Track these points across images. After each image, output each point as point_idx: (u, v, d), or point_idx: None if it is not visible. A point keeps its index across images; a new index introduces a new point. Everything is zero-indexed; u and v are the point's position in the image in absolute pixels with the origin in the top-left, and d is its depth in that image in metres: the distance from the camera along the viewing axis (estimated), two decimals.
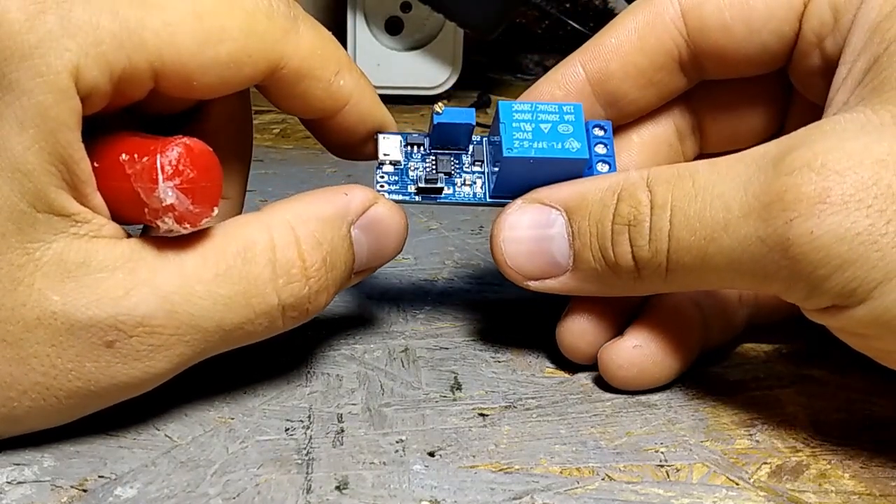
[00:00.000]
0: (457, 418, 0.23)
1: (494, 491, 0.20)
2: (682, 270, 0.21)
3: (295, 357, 0.26)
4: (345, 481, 0.21)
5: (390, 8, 0.58)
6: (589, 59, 0.25)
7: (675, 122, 0.27)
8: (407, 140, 0.25)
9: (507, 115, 0.23)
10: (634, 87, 0.25)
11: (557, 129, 0.23)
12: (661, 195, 0.21)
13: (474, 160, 0.25)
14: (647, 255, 0.21)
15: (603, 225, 0.22)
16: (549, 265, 0.23)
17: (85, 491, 0.20)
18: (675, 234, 0.21)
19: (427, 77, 0.59)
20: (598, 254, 0.22)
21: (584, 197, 0.23)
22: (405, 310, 0.29)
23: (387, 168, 0.25)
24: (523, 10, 0.64)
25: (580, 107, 0.24)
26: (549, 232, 0.23)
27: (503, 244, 0.23)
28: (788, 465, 0.22)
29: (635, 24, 0.25)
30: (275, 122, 0.55)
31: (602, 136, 0.25)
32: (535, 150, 0.23)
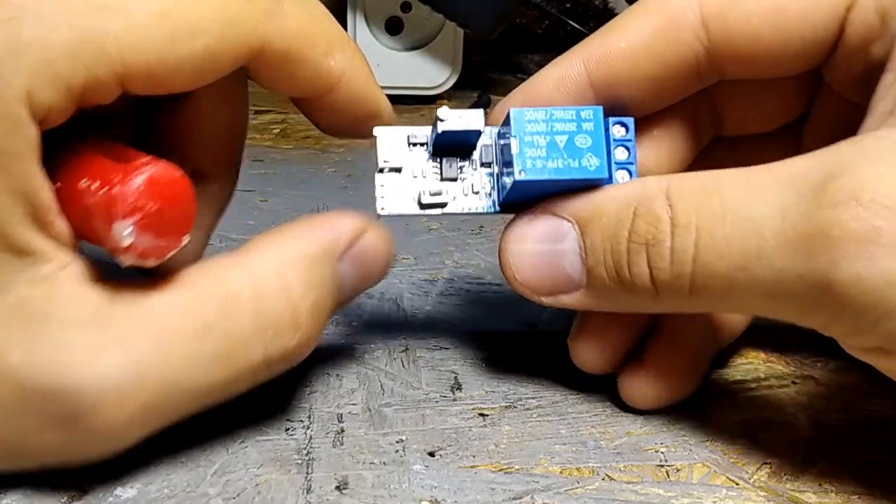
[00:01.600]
0: (457, 418, 0.23)
1: (494, 491, 0.20)
2: (707, 296, 0.20)
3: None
4: (345, 481, 0.21)
5: (390, 8, 0.58)
6: (594, 63, 0.23)
7: (691, 110, 0.25)
8: (409, 140, 0.23)
9: (519, 127, 0.21)
10: (645, 94, 0.23)
11: (575, 143, 0.21)
12: (684, 213, 0.19)
13: (483, 162, 0.23)
14: (667, 277, 0.20)
15: (618, 242, 0.20)
16: (560, 281, 0.22)
17: (84, 491, 0.20)
18: (700, 257, 0.19)
19: (427, 77, 0.59)
20: (613, 272, 0.21)
21: (598, 210, 0.21)
22: (405, 310, 0.29)
23: (387, 176, 0.23)
24: (523, 10, 0.64)
25: (600, 112, 0.21)
26: (561, 246, 0.21)
27: (511, 258, 0.22)
28: (789, 465, 0.22)
29: (648, 29, 0.22)
30: (275, 122, 0.55)
31: (623, 137, 0.22)
32: (550, 171, 0.21)
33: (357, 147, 0.50)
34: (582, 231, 0.21)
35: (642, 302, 0.21)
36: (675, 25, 0.22)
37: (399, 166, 0.22)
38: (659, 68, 0.22)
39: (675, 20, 0.22)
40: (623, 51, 0.22)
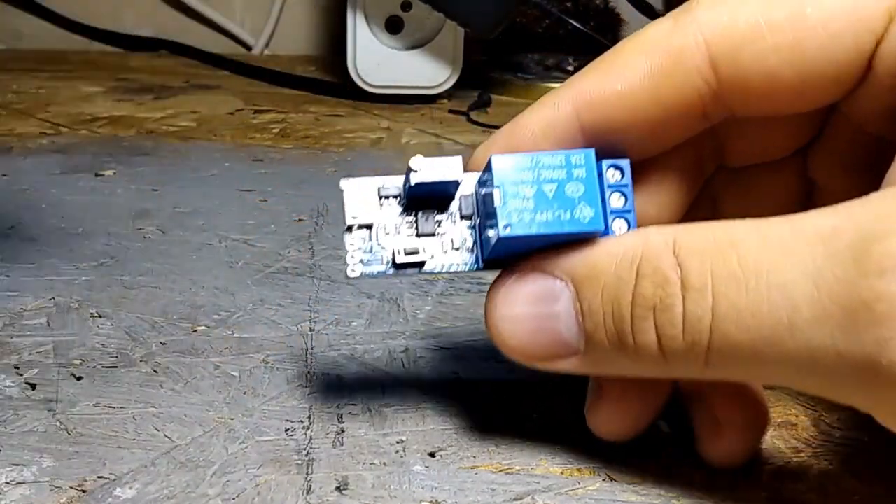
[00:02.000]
0: (457, 419, 0.23)
1: (495, 492, 0.20)
2: (726, 367, 0.17)
3: (295, 357, 0.26)
4: (345, 482, 0.21)
5: (390, 7, 0.58)
6: (586, 107, 0.20)
7: (693, 148, 0.22)
8: (379, 192, 0.20)
9: (503, 176, 0.19)
10: (644, 139, 0.20)
11: (565, 192, 0.18)
12: (697, 274, 0.17)
13: (463, 214, 0.20)
14: (679, 346, 0.17)
15: (620, 305, 0.18)
16: (556, 346, 0.19)
17: (84, 492, 0.20)
18: (718, 327, 0.17)
19: (427, 76, 0.59)
20: (615, 338, 0.18)
21: (595, 268, 0.18)
22: (405, 310, 0.29)
23: (357, 233, 0.20)
24: (523, 9, 0.64)
25: (592, 155, 0.19)
26: (554, 308, 0.19)
27: (500, 323, 0.19)
28: (790, 466, 0.22)
29: (647, 70, 0.20)
30: (275, 121, 0.55)
31: (619, 181, 0.20)
32: (539, 225, 0.18)
33: (356, 147, 0.50)
34: (577, 291, 0.19)
35: (649, 369, 0.18)
36: (679, 66, 0.19)
37: (369, 222, 0.20)
38: (660, 112, 0.20)
39: (678, 60, 0.19)
40: (620, 94, 0.20)
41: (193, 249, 0.34)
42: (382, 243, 0.20)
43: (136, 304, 0.29)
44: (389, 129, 0.54)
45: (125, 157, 0.46)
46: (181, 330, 0.27)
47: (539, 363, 0.20)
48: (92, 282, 0.31)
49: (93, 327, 0.27)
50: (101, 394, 0.24)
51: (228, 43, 0.82)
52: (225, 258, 0.33)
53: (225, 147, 0.48)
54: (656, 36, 0.20)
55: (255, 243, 0.35)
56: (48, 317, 0.28)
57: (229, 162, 0.46)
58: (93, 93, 0.61)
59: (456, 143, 0.51)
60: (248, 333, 0.27)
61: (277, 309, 0.29)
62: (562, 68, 0.66)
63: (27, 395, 0.23)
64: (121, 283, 0.31)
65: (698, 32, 0.19)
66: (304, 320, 0.28)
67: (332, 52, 0.80)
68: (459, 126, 0.55)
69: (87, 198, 0.39)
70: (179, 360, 0.26)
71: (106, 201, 0.39)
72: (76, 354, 0.26)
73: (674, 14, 0.20)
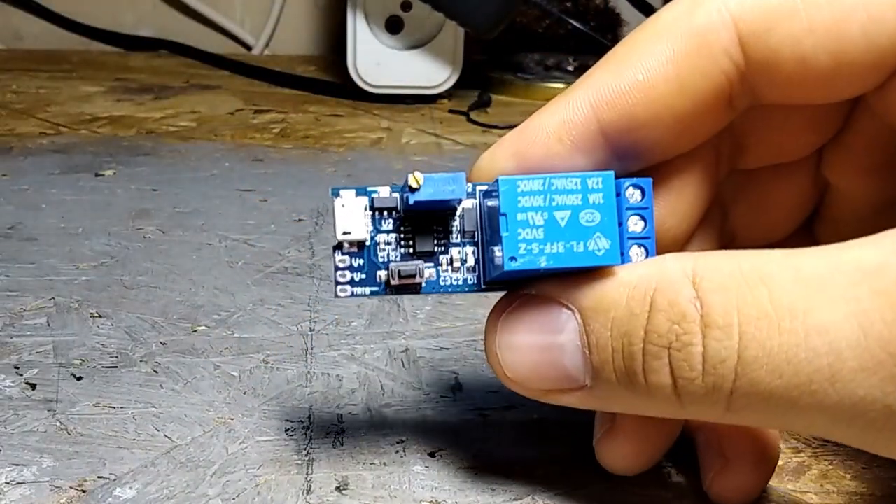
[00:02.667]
0: (457, 419, 0.23)
1: (495, 492, 0.20)
2: (751, 414, 0.16)
3: (295, 357, 0.26)
4: (345, 482, 0.21)
5: (390, 7, 0.58)
6: (605, 103, 0.18)
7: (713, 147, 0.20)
8: (373, 204, 0.18)
9: (510, 202, 0.17)
10: (668, 136, 0.18)
11: (579, 220, 0.17)
12: (721, 310, 0.15)
13: (464, 231, 0.18)
14: (697, 389, 0.16)
15: (630, 341, 0.16)
16: (559, 379, 0.18)
17: (84, 492, 0.20)
18: (746, 371, 0.15)
19: (427, 76, 0.59)
20: (624, 375, 0.17)
21: (605, 298, 0.17)
22: (405, 310, 0.29)
23: (348, 251, 0.18)
24: (524, 9, 0.64)
25: (611, 179, 0.17)
26: (558, 339, 0.17)
27: (500, 351, 0.18)
28: (790, 466, 0.22)
29: (669, 55, 0.18)
30: (275, 121, 0.55)
31: (639, 202, 0.18)
32: (549, 258, 0.17)
33: (356, 147, 0.50)
34: (585, 323, 0.17)
35: (661, 410, 0.17)
36: (704, 48, 0.18)
37: (362, 239, 0.18)
38: (686, 102, 0.18)
39: (704, 42, 0.18)
40: (641, 85, 0.18)
41: (193, 249, 0.34)
42: (376, 262, 0.18)
43: (136, 304, 0.29)
44: (389, 129, 0.54)
45: (125, 157, 0.46)
46: (181, 330, 0.27)
47: (541, 396, 0.18)
48: (92, 282, 0.31)
49: (93, 327, 0.27)
50: (101, 394, 0.24)
51: (228, 43, 0.82)
52: (225, 258, 0.33)
53: (225, 147, 0.48)
54: (674, 17, 0.18)
55: (255, 243, 0.35)
56: (48, 317, 0.28)
57: (229, 162, 0.46)
58: (93, 93, 0.61)
59: (456, 143, 0.51)
60: (248, 333, 0.27)
61: (277, 309, 0.29)
62: (562, 68, 0.66)
63: (27, 395, 0.23)
64: (121, 283, 0.31)
65: (724, 9, 0.17)
66: (304, 320, 0.28)
67: (332, 52, 0.80)
68: (459, 126, 0.55)
69: (86, 198, 0.39)
70: (179, 360, 0.26)
71: (106, 201, 0.39)
72: (76, 354, 0.26)
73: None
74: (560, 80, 0.63)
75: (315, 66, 0.74)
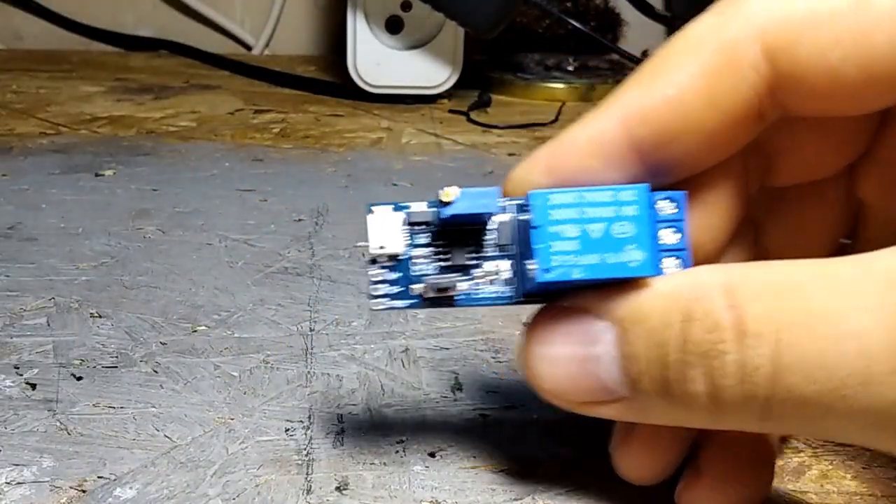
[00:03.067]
0: (457, 419, 0.23)
1: (495, 492, 0.20)
2: (785, 420, 0.16)
3: (295, 357, 0.26)
4: (345, 482, 0.21)
5: (390, 7, 0.58)
6: (636, 119, 0.18)
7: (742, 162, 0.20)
8: (409, 218, 0.19)
9: (541, 215, 0.17)
10: (699, 150, 0.18)
11: (612, 233, 0.17)
12: (756, 319, 0.15)
13: (499, 244, 0.19)
14: (732, 397, 0.16)
15: (666, 352, 0.16)
16: (596, 391, 0.18)
17: (84, 492, 0.20)
18: (780, 378, 0.15)
19: (427, 76, 0.59)
20: (661, 386, 0.17)
21: (640, 309, 0.17)
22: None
23: (383, 265, 0.19)
24: (524, 9, 0.64)
25: (645, 191, 0.17)
26: (594, 350, 0.18)
27: (535, 362, 0.18)
28: (790, 466, 0.22)
29: (698, 70, 0.18)
30: (275, 121, 0.55)
31: (672, 215, 0.18)
32: (582, 270, 0.17)
33: (356, 147, 0.50)
34: (621, 334, 0.17)
35: (697, 420, 0.17)
36: (733, 62, 0.18)
37: (396, 253, 0.19)
38: (716, 116, 0.18)
39: (732, 56, 0.18)
40: (672, 100, 0.18)
41: (193, 249, 0.34)
42: (411, 276, 0.19)
43: (136, 304, 0.29)
44: (389, 129, 0.54)
45: (125, 157, 0.46)
46: (181, 330, 0.27)
47: (577, 408, 0.18)
48: (92, 282, 0.31)
49: (93, 327, 0.27)
50: (101, 394, 0.24)
51: (228, 43, 0.82)
52: (225, 258, 0.33)
53: (225, 147, 0.48)
54: (703, 32, 0.18)
55: (255, 243, 0.35)
56: (48, 317, 0.28)
57: (229, 162, 0.46)
58: (93, 93, 0.61)
59: (456, 143, 0.51)
60: (248, 333, 0.27)
61: (277, 309, 0.29)
62: (562, 68, 0.66)
63: (27, 395, 0.23)
64: (121, 283, 0.31)
65: (750, 23, 0.17)
66: (304, 320, 0.28)
67: (332, 52, 0.80)
68: (459, 126, 0.55)
69: (86, 198, 0.39)
70: (179, 360, 0.26)
71: (106, 201, 0.39)
72: (76, 354, 0.26)
73: (718, 7, 0.18)
74: (560, 80, 0.63)
75: (315, 66, 0.74)
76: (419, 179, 0.43)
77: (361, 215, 0.19)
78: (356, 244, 0.34)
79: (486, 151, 0.49)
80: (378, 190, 0.41)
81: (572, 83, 0.63)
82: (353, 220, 0.37)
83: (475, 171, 0.45)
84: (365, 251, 0.19)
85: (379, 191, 0.41)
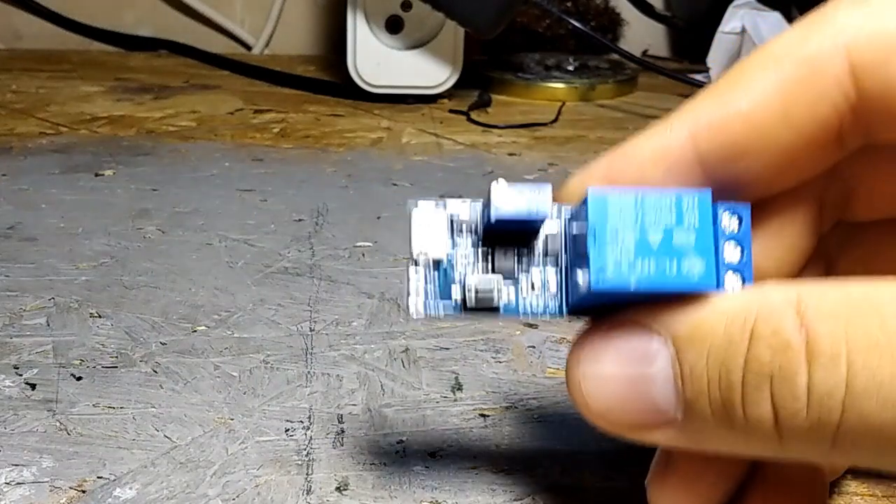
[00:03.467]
0: (458, 419, 0.23)
1: (495, 492, 0.20)
2: (858, 449, 0.15)
3: (295, 357, 0.26)
4: (345, 482, 0.21)
5: (390, 6, 0.58)
6: (705, 132, 0.17)
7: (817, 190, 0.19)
8: (452, 222, 0.18)
9: (599, 219, 0.16)
10: (770, 171, 0.17)
11: (673, 240, 0.16)
12: (828, 339, 0.14)
13: (546, 252, 0.18)
14: (800, 423, 0.15)
15: (729, 371, 0.15)
16: (649, 413, 0.16)
17: (84, 492, 0.20)
18: (854, 402, 0.14)
19: (427, 76, 0.59)
20: (721, 408, 0.16)
21: (702, 326, 0.16)
22: (405, 310, 0.29)
23: (423, 268, 0.18)
24: (524, 8, 0.64)
25: (708, 198, 0.16)
26: (649, 370, 0.16)
27: (584, 382, 0.17)
28: None
29: (776, 84, 0.17)
30: (275, 121, 0.55)
31: (735, 231, 0.17)
32: (639, 279, 0.16)
33: (356, 147, 0.50)
34: (678, 352, 0.16)
35: (758, 447, 0.16)
36: (814, 77, 0.16)
37: (439, 257, 0.18)
38: (791, 135, 0.17)
39: (814, 70, 0.16)
40: (744, 115, 0.17)
41: (193, 249, 0.34)
42: (452, 281, 0.18)
43: (136, 304, 0.29)
44: (389, 129, 0.54)
45: (125, 157, 0.46)
46: (181, 330, 0.27)
47: (626, 432, 0.17)
48: (92, 282, 0.30)
49: (93, 327, 0.27)
50: (101, 394, 0.24)
51: (228, 42, 0.82)
52: (225, 258, 0.33)
53: (225, 147, 0.48)
54: (785, 45, 0.17)
55: (255, 243, 0.35)
56: (48, 317, 0.28)
57: (229, 162, 0.46)
58: (92, 92, 0.61)
59: (456, 143, 0.51)
60: (248, 333, 0.27)
61: (277, 309, 0.29)
62: (562, 68, 0.66)
63: (27, 395, 0.23)
64: (120, 283, 0.31)
65: (837, 37, 0.16)
66: (304, 320, 0.28)
67: (332, 51, 0.80)
68: (459, 126, 0.55)
69: (86, 198, 0.39)
70: (179, 361, 0.26)
71: (105, 201, 0.39)
72: (76, 354, 0.26)
73: (805, 20, 0.17)
74: (560, 80, 0.63)
75: (315, 66, 0.74)
76: (419, 179, 0.43)
77: (362, 215, 0.19)
78: (356, 244, 0.34)
79: (487, 151, 0.49)
80: (378, 190, 0.41)
81: (572, 83, 0.63)
82: (353, 220, 0.37)
83: (475, 171, 0.45)
84: (360, 251, 0.19)
85: (379, 191, 0.41)
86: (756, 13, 0.59)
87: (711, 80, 0.60)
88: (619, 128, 0.55)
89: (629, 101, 0.63)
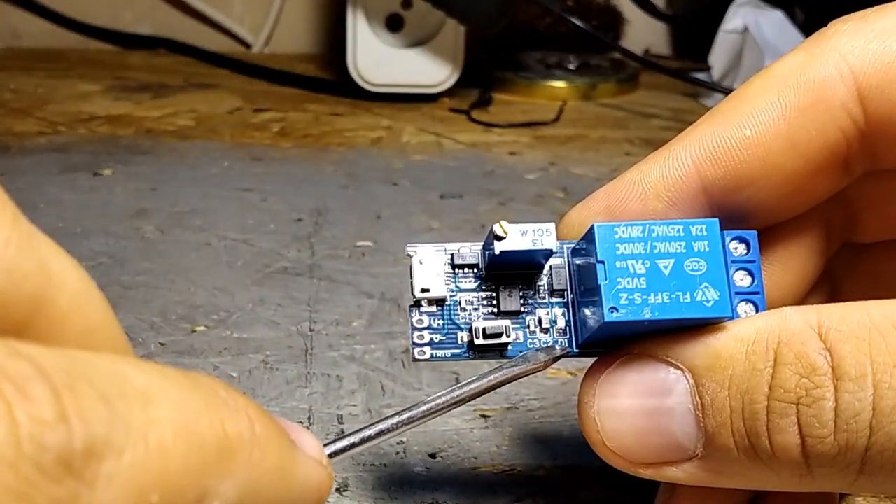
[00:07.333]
0: (458, 420, 0.23)
1: (496, 493, 0.20)
2: (885, 475, 0.14)
3: (295, 358, 0.26)
4: (345, 483, 0.20)
5: (391, 4, 0.58)
6: (709, 160, 0.17)
7: (824, 215, 0.19)
8: (454, 260, 0.17)
9: (608, 250, 0.16)
10: (777, 199, 0.17)
11: (684, 269, 0.15)
12: (853, 361, 0.14)
13: (552, 289, 0.17)
14: (828, 449, 0.14)
15: (753, 399, 0.15)
16: (667, 449, 0.16)
17: None
18: (882, 425, 0.14)
19: (428, 75, 0.59)
20: (745, 440, 0.15)
21: (721, 354, 0.15)
22: (405, 310, 0.29)
23: (426, 310, 0.17)
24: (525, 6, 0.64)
25: (716, 226, 0.16)
26: (666, 402, 0.16)
27: (599, 417, 0.16)
28: None
29: (781, 110, 0.16)
30: (274, 120, 0.55)
31: (744, 256, 0.17)
32: (652, 309, 0.15)
33: (356, 146, 0.49)
34: (697, 383, 0.15)
35: (784, 480, 0.15)
36: (820, 102, 0.16)
37: (441, 296, 0.17)
38: (798, 161, 0.16)
39: (821, 95, 0.16)
40: (749, 141, 0.17)
41: (192, 249, 0.34)
42: (457, 322, 0.17)
43: (135, 304, 0.29)
44: (390, 128, 0.54)
45: (123, 157, 0.45)
46: (180, 330, 0.27)
47: (644, 469, 0.16)
48: None
49: None
50: None
51: (227, 41, 0.81)
52: (224, 258, 0.33)
53: (224, 146, 0.48)
54: (788, 70, 0.17)
55: (255, 243, 0.34)
56: None
57: (228, 161, 0.45)
58: (91, 91, 0.61)
59: (457, 142, 0.51)
60: (248, 334, 0.27)
61: (277, 309, 0.29)
62: (563, 67, 0.66)
63: None
64: (119, 283, 0.30)
65: (843, 61, 0.16)
66: (304, 320, 0.28)
67: (332, 50, 0.80)
68: (460, 125, 0.55)
69: (85, 197, 0.39)
70: (178, 361, 0.25)
71: (104, 201, 0.39)
72: None
73: (805, 45, 0.17)
74: (561, 79, 0.63)
75: (315, 65, 0.73)
76: (420, 178, 0.43)
77: (362, 215, 0.19)
78: (356, 244, 0.34)
79: (487, 150, 0.49)
80: (378, 189, 0.41)
81: (574, 82, 0.62)
82: (353, 220, 0.37)
83: (476, 170, 0.45)
84: (360, 251, 0.18)
85: (379, 190, 0.41)
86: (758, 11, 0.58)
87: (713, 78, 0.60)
88: (621, 127, 0.55)
89: (631, 99, 0.62)
